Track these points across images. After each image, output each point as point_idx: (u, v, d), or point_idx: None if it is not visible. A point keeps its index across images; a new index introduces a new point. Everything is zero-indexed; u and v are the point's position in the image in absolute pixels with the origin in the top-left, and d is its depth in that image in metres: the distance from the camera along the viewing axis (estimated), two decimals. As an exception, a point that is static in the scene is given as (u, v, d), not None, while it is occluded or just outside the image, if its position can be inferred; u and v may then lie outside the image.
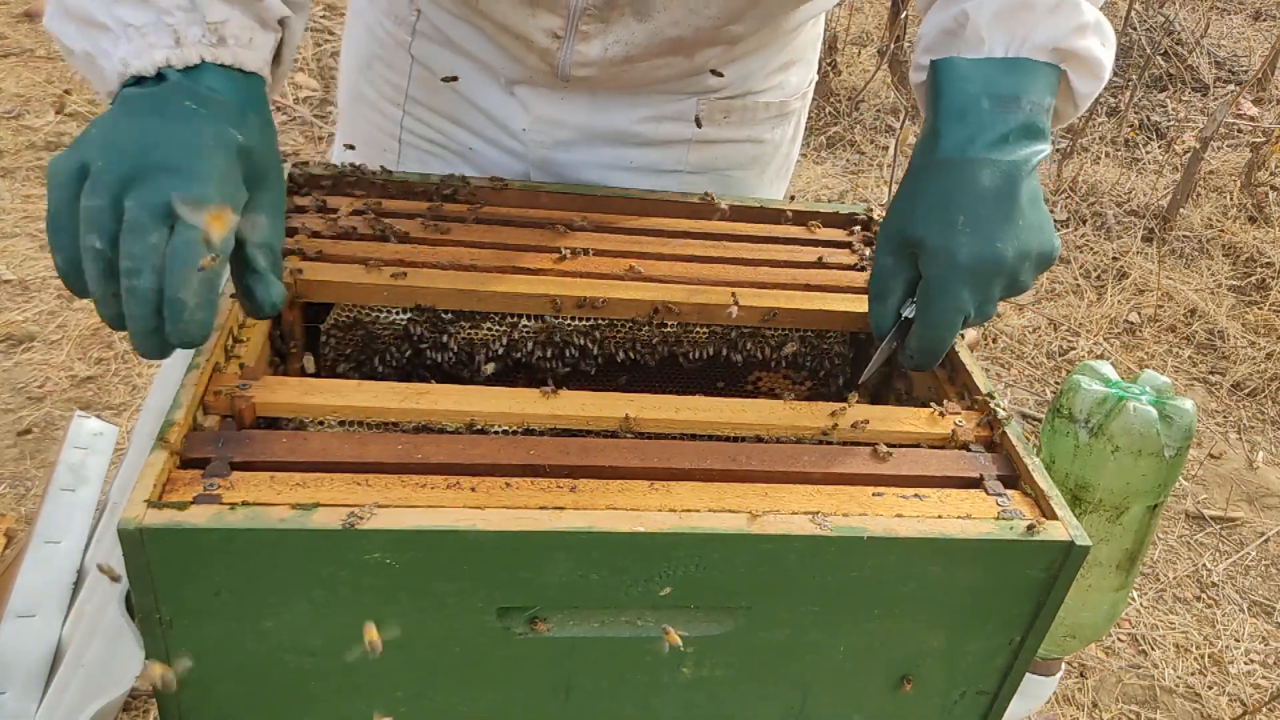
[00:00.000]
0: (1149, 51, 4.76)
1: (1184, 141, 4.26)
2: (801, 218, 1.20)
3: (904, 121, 3.90)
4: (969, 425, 0.90)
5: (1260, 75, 4.69)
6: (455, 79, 1.17)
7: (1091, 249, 3.70)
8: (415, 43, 1.19)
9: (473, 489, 0.74)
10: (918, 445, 0.88)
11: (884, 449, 0.85)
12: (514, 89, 1.17)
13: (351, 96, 1.31)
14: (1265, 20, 5.83)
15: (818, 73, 1.34)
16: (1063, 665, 1.22)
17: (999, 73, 0.88)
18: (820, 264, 1.11)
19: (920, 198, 0.87)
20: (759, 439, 0.88)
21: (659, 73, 1.12)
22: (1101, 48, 0.92)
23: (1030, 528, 0.77)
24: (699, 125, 1.20)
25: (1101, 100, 4.54)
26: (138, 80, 0.77)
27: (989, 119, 0.86)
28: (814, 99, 4.29)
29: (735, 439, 0.87)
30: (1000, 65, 0.89)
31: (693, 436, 0.87)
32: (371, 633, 0.72)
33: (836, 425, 0.88)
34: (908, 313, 0.88)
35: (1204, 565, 2.58)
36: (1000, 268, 0.84)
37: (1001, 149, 0.85)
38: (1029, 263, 0.85)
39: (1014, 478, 0.85)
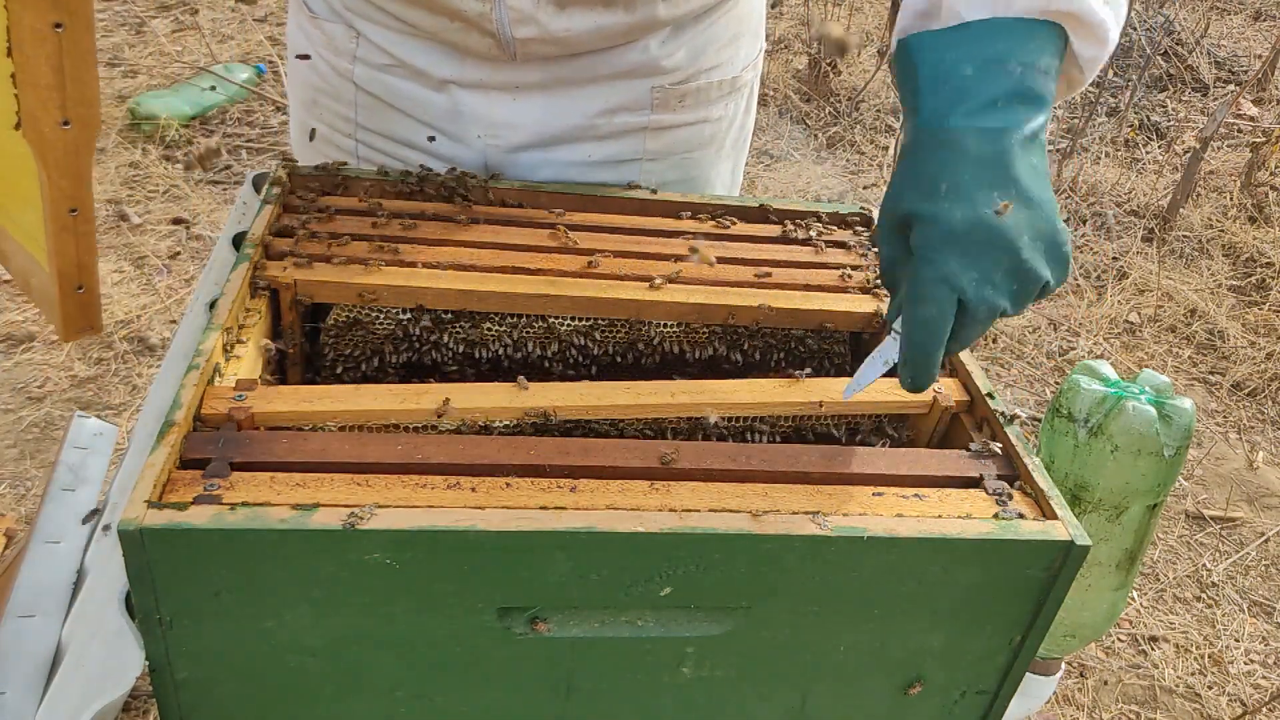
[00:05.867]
0: (1149, 51, 4.76)
1: (1184, 141, 4.26)
2: (801, 217, 1.20)
3: (904, 121, 3.90)
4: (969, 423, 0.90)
5: (1260, 75, 4.69)
6: (307, 57, 1.17)
7: (1091, 249, 3.70)
8: (357, 70, 1.18)
9: (473, 489, 0.74)
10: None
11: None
12: (464, 99, 1.15)
13: (303, 133, 1.30)
14: (1265, 20, 5.83)
15: (761, 50, 1.33)
16: (1063, 665, 1.22)
17: (979, 36, 0.81)
18: (820, 264, 1.11)
19: (905, 174, 0.81)
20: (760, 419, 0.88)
21: (603, 20, 1.08)
22: (1104, 6, 0.84)
23: (1018, 508, 0.77)
24: (654, 112, 1.19)
25: (1101, 100, 4.54)
26: None
27: (970, 84, 0.79)
28: (813, 99, 4.30)
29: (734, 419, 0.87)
30: (981, 28, 0.81)
31: (691, 421, 0.87)
32: None
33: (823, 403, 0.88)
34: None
35: (1204, 565, 2.58)
36: (992, 235, 0.75)
37: (987, 115, 0.78)
38: (1029, 240, 0.76)
39: (1014, 477, 0.85)
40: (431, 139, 1.19)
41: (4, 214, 0.92)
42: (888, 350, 0.85)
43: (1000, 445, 0.87)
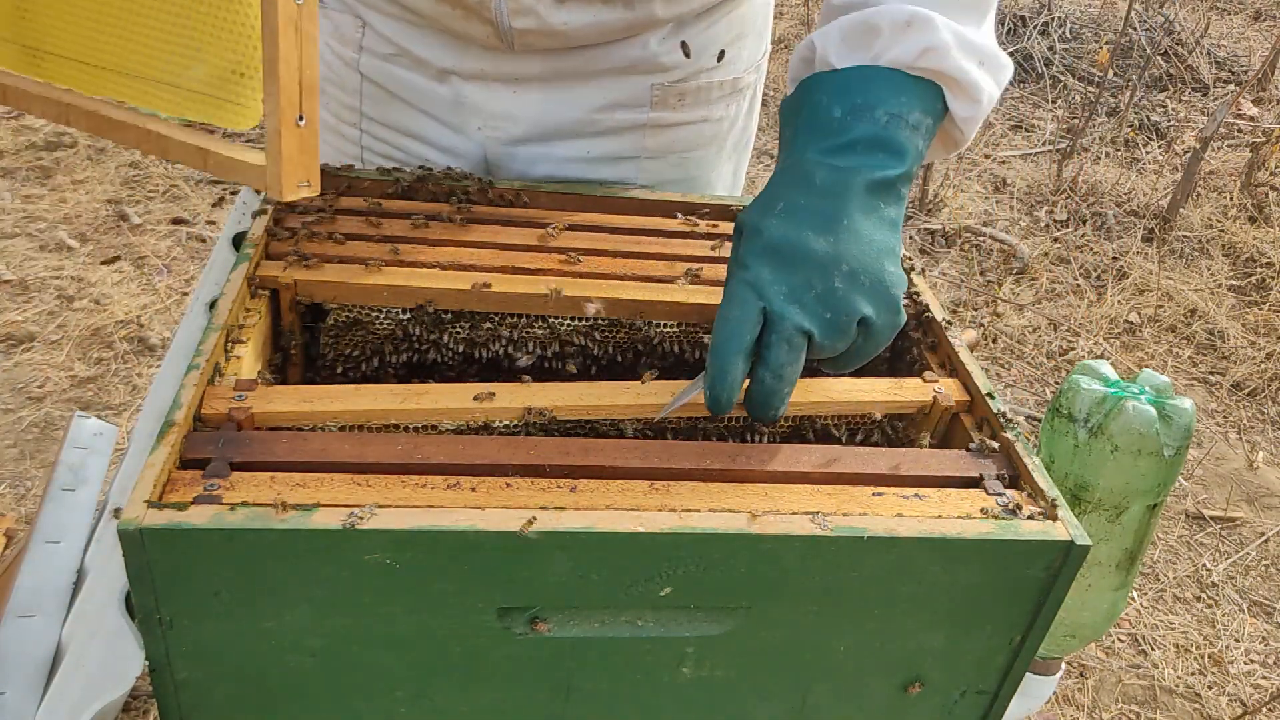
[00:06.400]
0: (1149, 51, 4.76)
1: (1184, 141, 4.27)
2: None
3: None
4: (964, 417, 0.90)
5: (1260, 75, 4.69)
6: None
7: (1091, 249, 3.70)
8: (363, 59, 1.19)
9: (473, 489, 0.74)
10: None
11: None
12: (465, 90, 1.16)
13: None
14: (1265, 20, 5.83)
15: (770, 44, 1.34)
16: (1063, 665, 1.22)
17: (853, 84, 0.87)
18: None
19: (759, 196, 0.87)
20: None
21: (602, 16, 1.09)
22: (978, 69, 0.89)
23: (1018, 508, 0.78)
24: (653, 109, 1.19)
25: (1101, 100, 4.54)
26: None
27: (836, 125, 0.85)
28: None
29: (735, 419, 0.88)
30: (856, 77, 0.87)
31: (691, 421, 0.87)
32: None
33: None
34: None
35: (1204, 565, 2.58)
36: (804, 255, 0.80)
37: (842, 155, 0.84)
38: (848, 271, 0.80)
39: (1014, 477, 0.85)
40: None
41: (153, 91, 0.79)
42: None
43: (1000, 445, 0.87)
